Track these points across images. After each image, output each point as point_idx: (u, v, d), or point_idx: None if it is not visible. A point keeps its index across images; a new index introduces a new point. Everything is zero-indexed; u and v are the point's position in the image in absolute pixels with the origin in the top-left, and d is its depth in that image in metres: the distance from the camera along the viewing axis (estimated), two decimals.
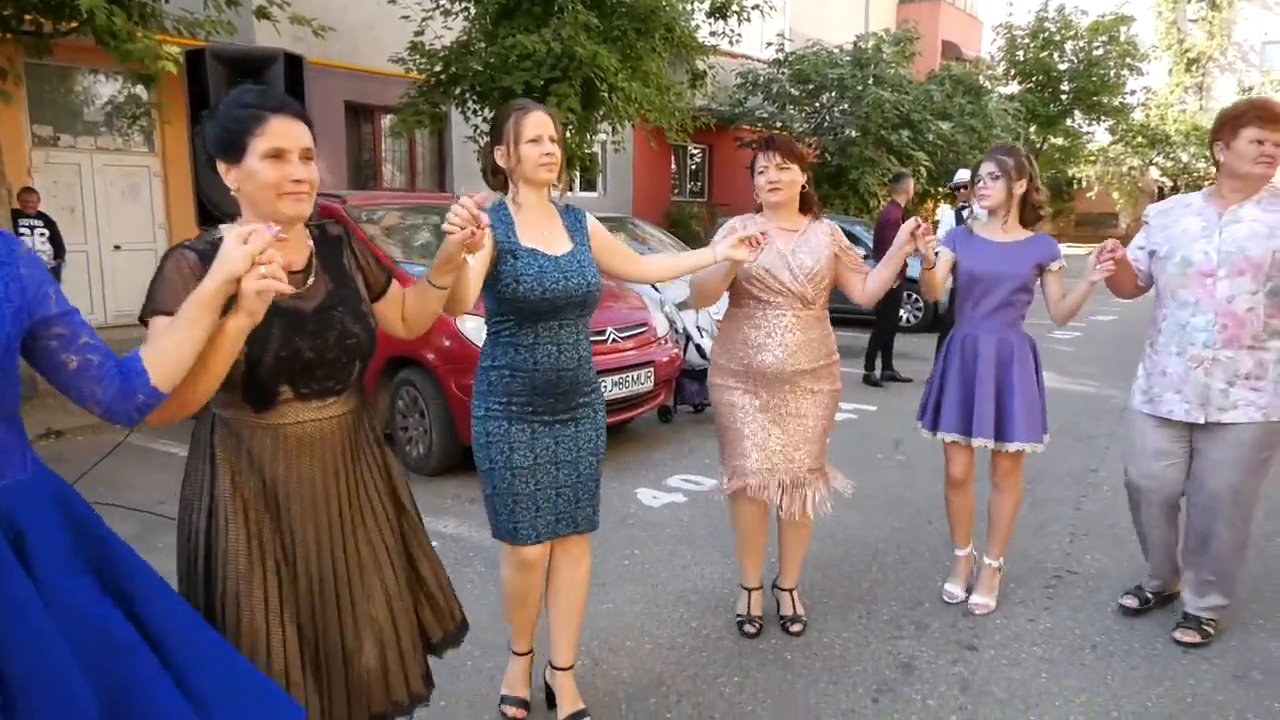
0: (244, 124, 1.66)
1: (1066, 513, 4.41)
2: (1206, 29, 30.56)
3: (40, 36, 6.50)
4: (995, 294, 3.12)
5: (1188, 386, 2.90)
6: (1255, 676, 2.85)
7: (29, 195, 8.59)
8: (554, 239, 2.39)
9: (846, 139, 16.06)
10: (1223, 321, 2.83)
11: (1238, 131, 2.80)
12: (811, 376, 2.91)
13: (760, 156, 2.93)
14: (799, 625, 3.14)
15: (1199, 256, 2.86)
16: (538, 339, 2.34)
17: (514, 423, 2.35)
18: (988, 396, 3.11)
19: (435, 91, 10.17)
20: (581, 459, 2.44)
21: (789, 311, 2.87)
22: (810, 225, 2.99)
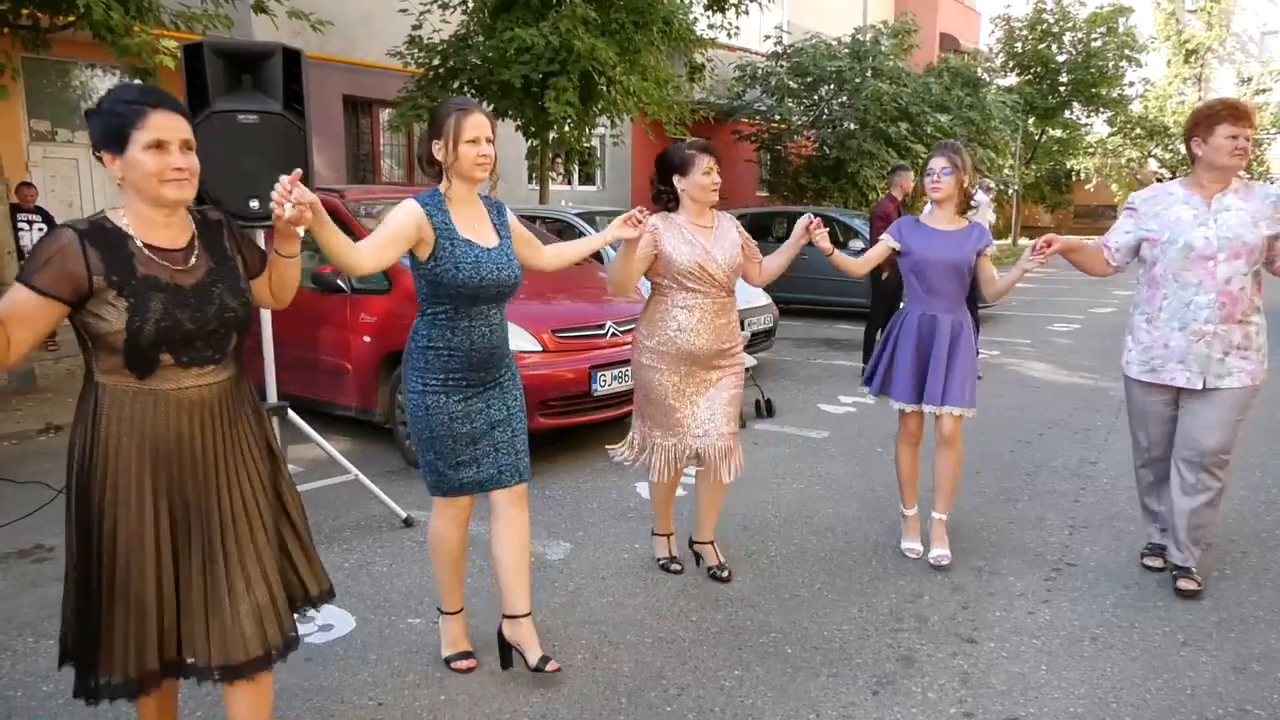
0: (126, 118, 1.80)
1: (1065, 505, 4.42)
2: (1205, 20, 30.51)
3: (38, 31, 6.48)
4: (947, 278, 3.49)
5: (1190, 357, 3.21)
6: (1254, 668, 2.86)
7: (27, 189, 8.58)
8: (484, 231, 2.62)
9: (845, 131, 16.05)
10: (1221, 300, 3.14)
11: (1213, 128, 3.13)
12: (727, 355, 3.31)
13: (706, 159, 3.20)
14: (727, 571, 3.51)
15: (1200, 242, 3.14)
16: (472, 322, 2.58)
17: (450, 395, 2.60)
18: (941, 369, 3.48)
19: (433, 85, 10.15)
20: (513, 416, 2.72)
21: (714, 299, 3.23)
22: (719, 219, 3.34)
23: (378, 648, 2.98)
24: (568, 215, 8.76)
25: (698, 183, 3.20)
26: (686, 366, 3.23)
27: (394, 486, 4.50)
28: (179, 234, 1.92)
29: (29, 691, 2.73)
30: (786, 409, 6.44)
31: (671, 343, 3.22)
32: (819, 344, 9.61)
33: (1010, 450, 5.37)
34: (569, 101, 9.12)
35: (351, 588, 3.45)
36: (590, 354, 5.05)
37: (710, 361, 3.25)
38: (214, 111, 3.49)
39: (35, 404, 6.51)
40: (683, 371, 3.24)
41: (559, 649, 2.97)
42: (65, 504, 1.89)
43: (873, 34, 16.62)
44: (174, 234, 1.91)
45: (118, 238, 1.84)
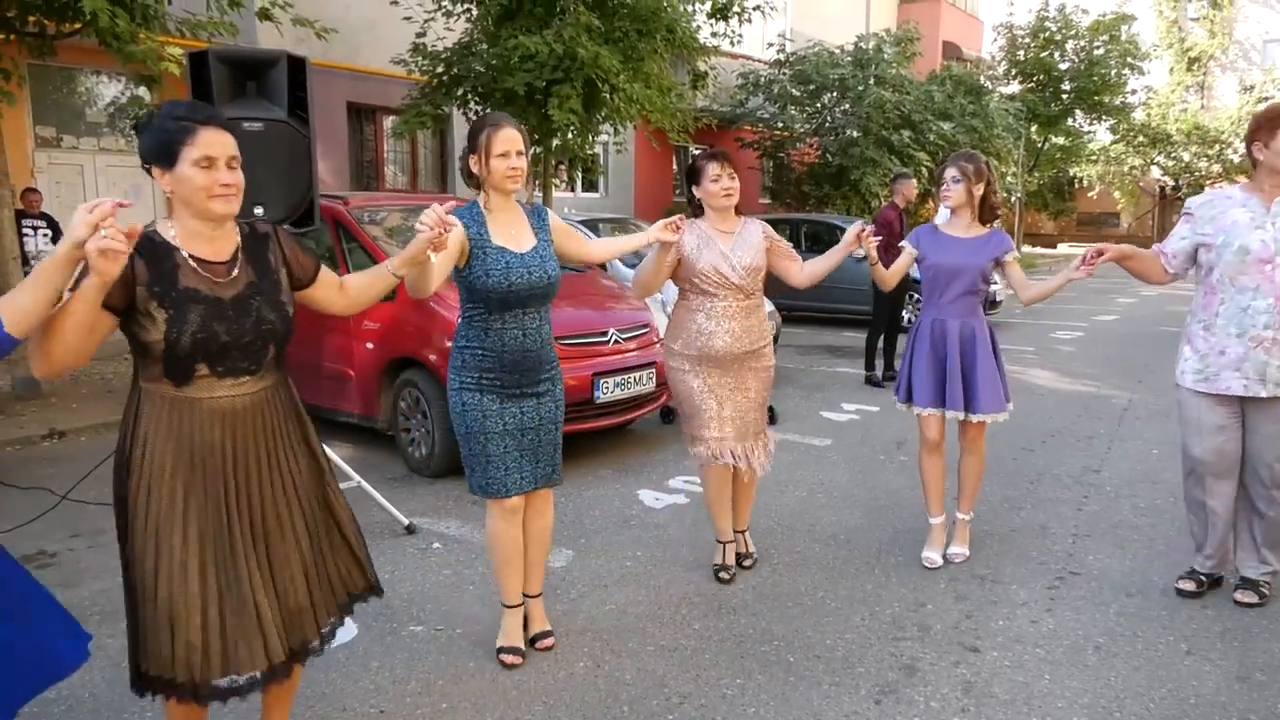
0: (177, 135, 1.87)
1: (1068, 514, 4.41)
2: (1208, 28, 30.52)
3: (44, 38, 6.51)
4: (959, 284, 3.54)
5: (1247, 364, 3.12)
6: (1258, 677, 2.85)
7: (32, 195, 8.61)
8: (520, 236, 2.75)
9: (848, 139, 16.06)
10: (1279, 305, 3.07)
11: (1275, 132, 3.05)
12: (753, 356, 3.40)
13: (713, 166, 3.34)
14: (751, 560, 3.70)
15: (1256, 245, 3.08)
16: (505, 324, 2.70)
17: (485, 394, 2.73)
18: (957, 374, 3.53)
19: (437, 93, 10.18)
20: (543, 426, 2.82)
21: (733, 302, 3.34)
22: (744, 224, 3.45)
23: (380, 655, 2.98)
24: (571, 222, 8.77)
25: (709, 190, 3.35)
26: (710, 367, 3.36)
27: (396, 494, 4.50)
28: (224, 246, 1.98)
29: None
30: (789, 416, 6.44)
31: (692, 344, 3.36)
32: (822, 351, 9.61)
33: (1013, 458, 5.36)
34: (572, 109, 9.13)
35: None
36: (593, 361, 5.06)
37: (734, 363, 3.36)
38: None
39: (39, 409, 6.52)
40: (707, 371, 3.36)
41: (560, 656, 2.97)
42: (113, 500, 1.97)
43: (875, 42, 16.65)
44: (219, 246, 1.97)
45: (165, 250, 1.90)
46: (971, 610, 3.32)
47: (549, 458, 2.87)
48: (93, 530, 4.11)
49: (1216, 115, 28.85)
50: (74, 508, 4.03)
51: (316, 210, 3.79)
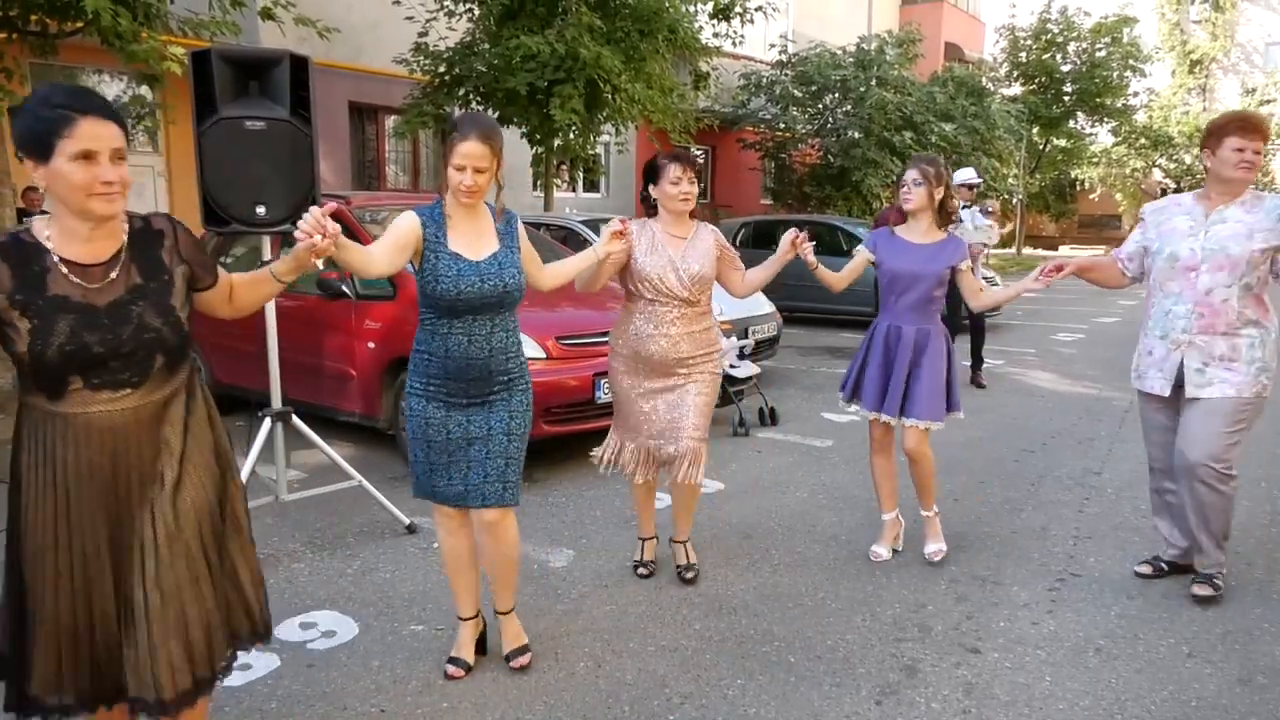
0: (52, 125, 1.67)
1: (1069, 515, 4.41)
2: (1210, 30, 30.51)
3: (46, 37, 6.51)
4: (916, 290, 3.51)
5: (1168, 365, 3.28)
6: (1260, 680, 2.85)
7: (33, 194, 8.61)
8: (479, 243, 2.62)
9: (849, 140, 16.07)
10: (1200, 310, 3.18)
11: (1221, 140, 3.14)
12: (694, 364, 3.31)
13: (674, 167, 3.23)
14: (692, 573, 3.55)
15: (1185, 252, 3.20)
16: (451, 330, 2.59)
17: (430, 401, 2.64)
18: (900, 379, 3.53)
19: (439, 92, 10.18)
20: (492, 438, 2.66)
21: (675, 309, 3.26)
22: (696, 230, 3.35)
23: (380, 654, 2.98)
24: (572, 222, 8.78)
25: (666, 191, 3.25)
26: (645, 369, 3.29)
27: (397, 493, 4.50)
28: (104, 247, 1.79)
29: None
30: (790, 417, 6.43)
31: (629, 345, 3.30)
32: (822, 352, 9.60)
33: (1014, 460, 5.36)
34: (574, 109, 9.14)
35: (354, 594, 3.44)
36: (594, 361, 5.05)
37: (669, 368, 3.28)
38: (221, 118, 3.50)
39: None
40: (642, 373, 3.30)
41: (561, 656, 2.97)
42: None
43: (877, 43, 16.66)
44: (97, 247, 1.78)
45: (35, 252, 1.74)
46: (972, 611, 3.32)
47: (498, 473, 2.67)
48: None
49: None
50: None
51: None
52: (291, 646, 3.03)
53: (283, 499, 4.10)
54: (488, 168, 2.53)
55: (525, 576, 3.64)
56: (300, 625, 3.18)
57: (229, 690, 2.74)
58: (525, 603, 3.37)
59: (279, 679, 2.82)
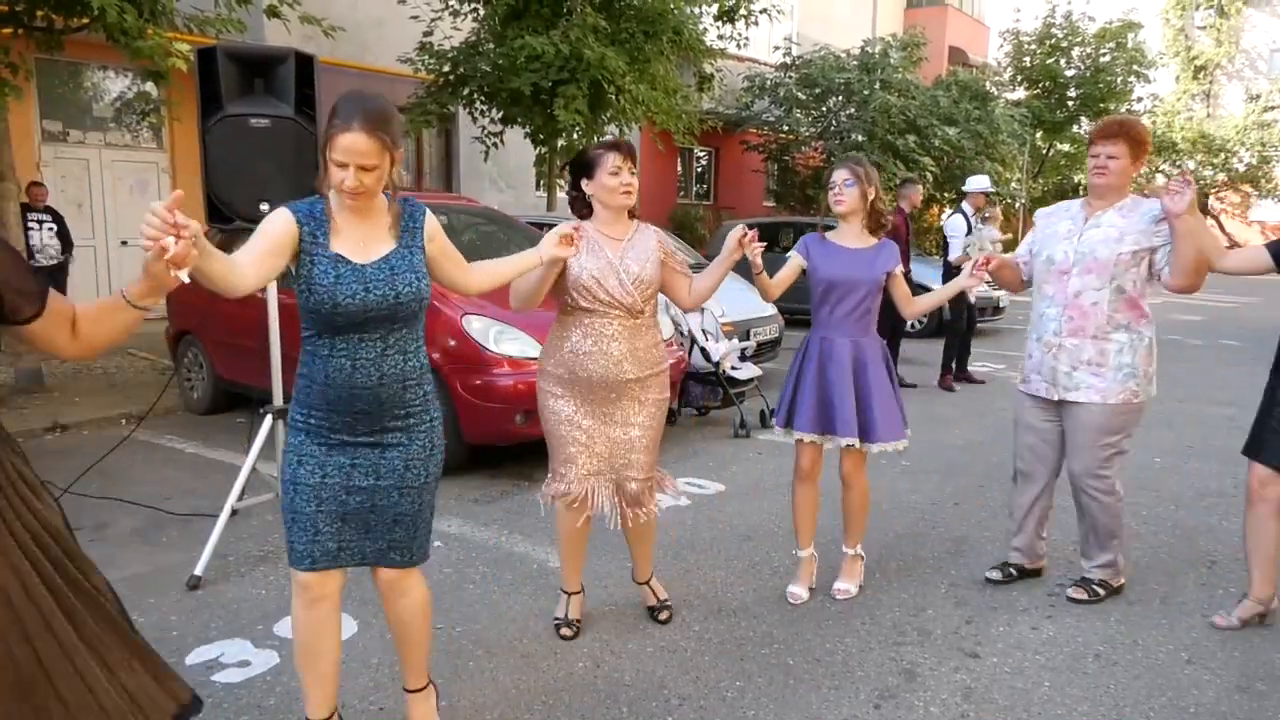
0: None
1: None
2: (1214, 36, 30.50)
3: (52, 32, 6.52)
4: (851, 299, 3.25)
5: (1045, 368, 3.31)
6: (1259, 688, 2.84)
7: (38, 189, 8.63)
8: (370, 244, 2.15)
9: (853, 143, 16.05)
10: (1070, 313, 3.21)
11: (1096, 143, 3.22)
12: (639, 385, 2.89)
13: (613, 157, 2.82)
14: (666, 613, 3.22)
15: (1059, 255, 3.25)
16: (333, 351, 2.12)
17: (310, 435, 2.16)
18: (848, 398, 3.23)
19: (443, 92, 10.20)
20: (380, 488, 2.17)
21: (617, 321, 2.84)
22: (636, 230, 2.96)
23: (379, 652, 2.98)
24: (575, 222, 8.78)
25: (604, 184, 2.84)
26: (584, 393, 2.86)
27: None
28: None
29: None
30: None
31: (565, 365, 2.85)
32: None
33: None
34: (578, 110, 9.14)
35: (353, 592, 3.43)
36: None
37: (611, 391, 2.86)
38: (226, 115, 3.52)
39: (43, 403, 6.54)
40: (580, 399, 2.86)
41: (560, 656, 2.97)
42: None
43: (881, 46, 16.66)
44: None
45: None
46: (972, 616, 3.32)
47: (386, 531, 2.22)
48: (94, 524, 4.11)
49: (1222, 124, 28.83)
50: (76, 501, 4.04)
51: None
52: (290, 643, 3.02)
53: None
54: (377, 165, 2.05)
55: (525, 576, 3.65)
56: None
57: (228, 687, 2.75)
58: (524, 603, 3.38)
59: (278, 675, 2.83)
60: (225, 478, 4.35)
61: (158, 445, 5.58)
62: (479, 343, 4.77)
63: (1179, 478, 5.03)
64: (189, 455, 5.43)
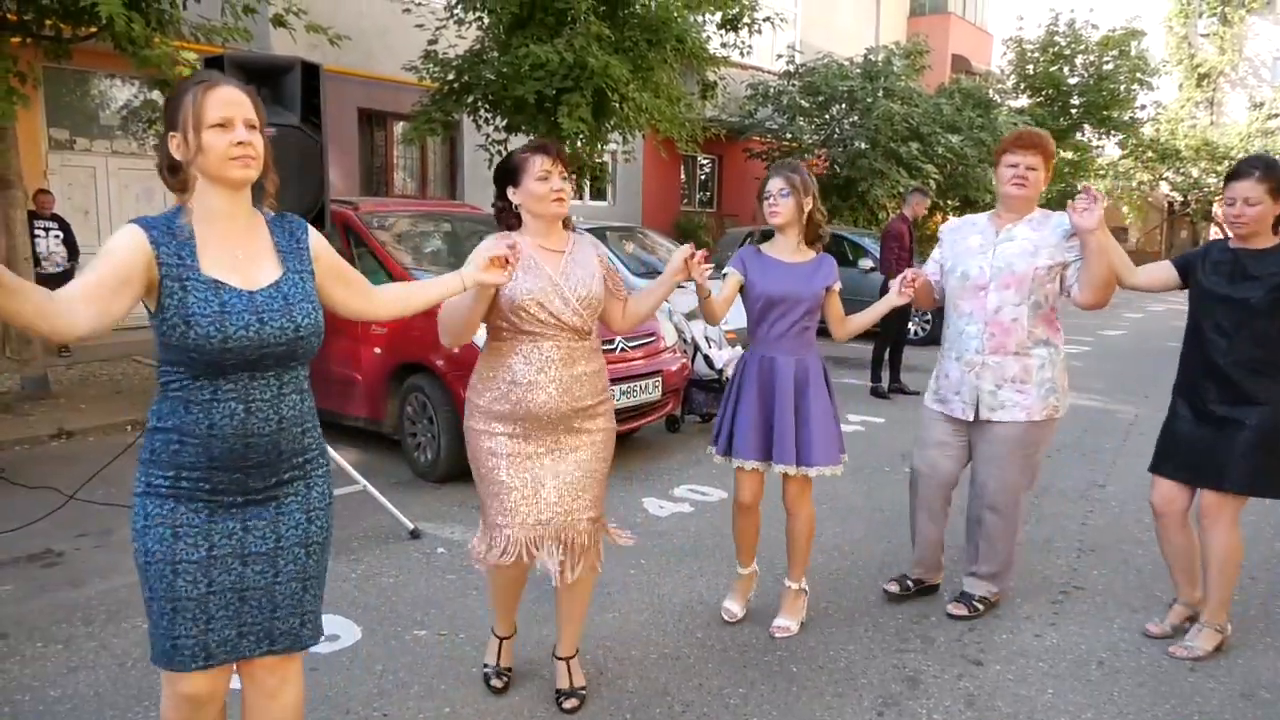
0: None
1: (1073, 528, 4.40)
2: (1218, 44, 30.53)
3: (60, 41, 6.57)
4: (791, 315, 3.07)
5: (964, 388, 3.20)
6: (1263, 695, 2.84)
7: (44, 197, 8.68)
8: (253, 264, 1.80)
9: (856, 151, 16.08)
10: (991, 330, 3.13)
11: (1000, 158, 3.17)
12: (588, 415, 2.59)
13: (540, 160, 2.50)
14: (574, 701, 2.69)
15: (975, 271, 3.16)
16: (217, 395, 1.74)
17: (183, 502, 1.76)
18: (788, 422, 3.04)
19: (448, 100, 10.23)
20: (282, 552, 1.84)
21: (563, 344, 2.52)
22: (575, 242, 2.64)
23: (383, 659, 2.99)
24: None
25: (532, 192, 2.51)
26: (525, 430, 2.52)
27: (402, 498, 4.52)
28: None
29: (36, 695, 2.74)
30: None
31: (505, 399, 2.50)
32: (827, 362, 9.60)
33: None
34: (582, 118, 9.17)
35: (358, 598, 3.45)
36: None
37: (559, 425, 2.54)
38: None
39: (48, 409, 6.56)
40: (521, 436, 2.52)
41: None
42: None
43: (885, 54, 16.68)
44: None
45: None
46: (975, 623, 3.32)
47: (292, 604, 1.87)
48: (100, 530, 4.13)
49: (1226, 131, 28.83)
50: (81, 507, 4.06)
51: (327, 215, 3.82)
52: None
53: None
54: (260, 126, 1.76)
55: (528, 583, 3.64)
56: None
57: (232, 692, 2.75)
58: (527, 609, 3.38)
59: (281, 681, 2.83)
60: None
61: None
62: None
63: None
64: None
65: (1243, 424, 2.90)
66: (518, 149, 2.61)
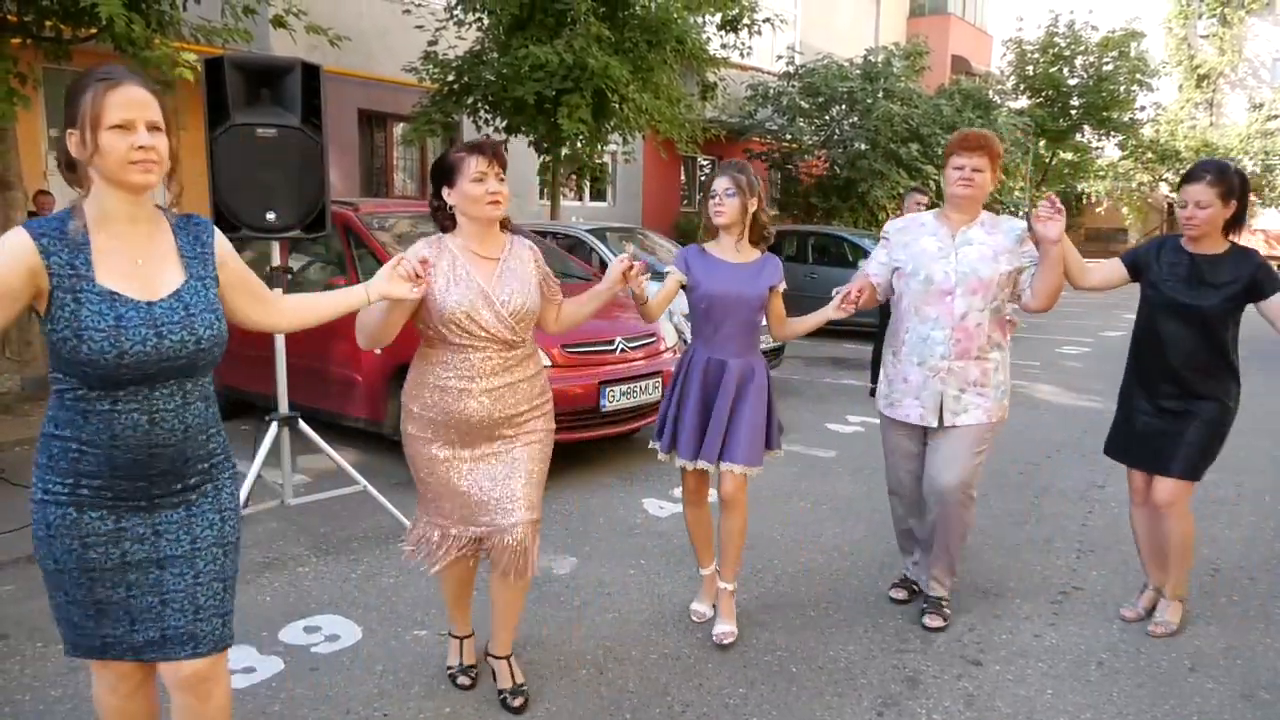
0: None
1: (1072, 528, 4.41)
2: (1217, 45, 30.56)
3: (60, 42, 6.57)
4: (736, 316, 3.04)
5: (925, 393, 3.17)
6: (1263, 696, 2.84)
7: (44, 198, 8.68)
8: (153, 272, 1.73)
9: (856, 152, 16.10)
10: (957, 335, 3.12)
11: (948, 160, 3.17)
12: (523, 420, 2.58)
13: (476, 161, 2.44)
14: (520, 699, 2.69)
15: (940, 276, 3.12)
16: (117, 406, 1.69)
17: (85, 510, 1.72)
18: (721, 420, 3.04)
19: (448, 101, 10.24)
20: (200, 553, 1.81)
21: (494, 354, 2.49)
22: (511, 246, 2.59)
23: (384, 659, 2.99)
24: (579, 231, 8.82)
25: (467, 193, 2.46)
26: (460, 436, 2.52)
27: (402, 498, 4.51)
28: None
29: (37, 695, 2.75)
30: (794, 428, 6.44)
31: (436, 407, 2.50)
32: (827, 363, 9.61)
33: (1019, 472, 5.36)
34: (582, 119, 9.18)
35: (358, 599, 3.46)
36: (599, 370, 5.08)
37: (493, 430, 2.53)
38: (233, 124, 3.54)
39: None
40: (455, 442, 2.53)
41: (563, 663, 2.98)
42: None
43: (884, 55, 16.70)
44: None
45: None
46: (974, 623, 3.32)
47: (215, 604, 1.84)
48: None
49: (1225, 132, 28.86)
50: None
51: (328, 216, 3.83)
52: (295, 650, 3.04)
53: (288, 503, 4.13)
54: (165, 127, 1.70)
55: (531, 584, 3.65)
56: (304, 629, 3.19)
57: (234, 693, 2.76)
58: (528, 610, 3.38)
59: (283, 682, 2.84)
60: None
61: None
62: None
63: None
64: None
65: (1194, 416, 3.08)
66: (453, 148, 2.56)
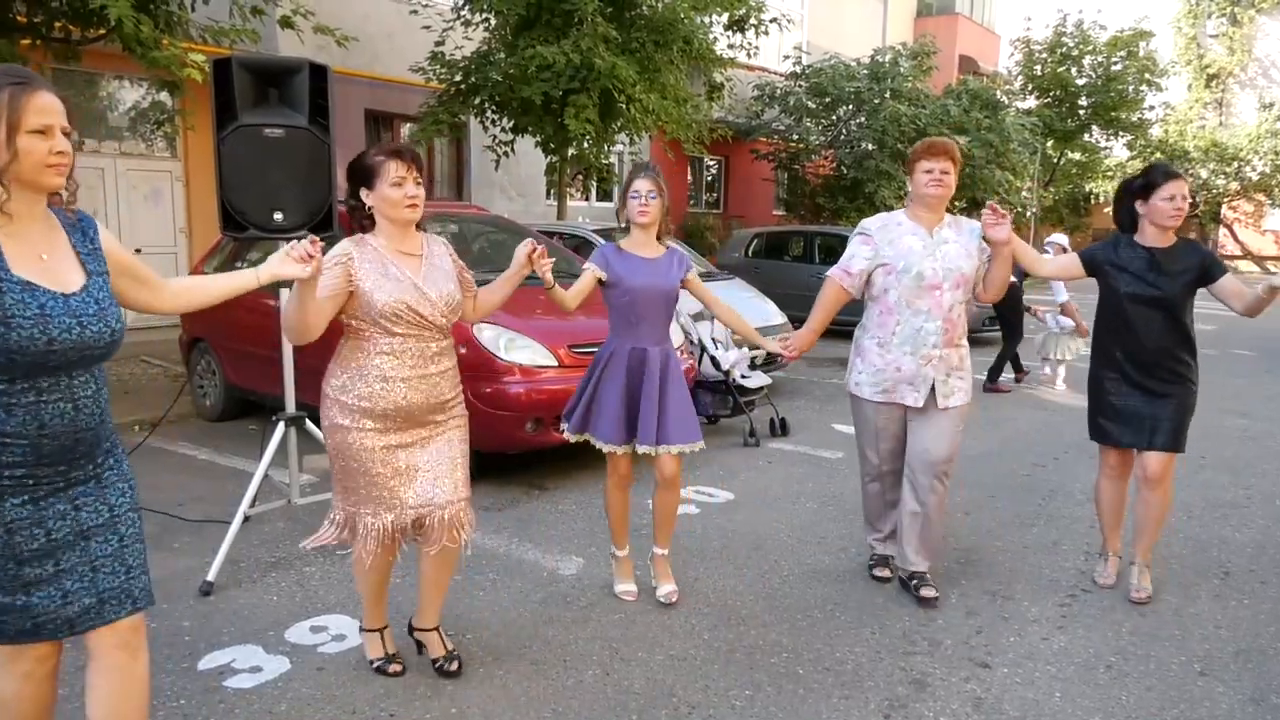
0: None
1: (1081, 530, 4.39)
2: (1226, 44, 30.41)
3: (69, 43, 6.60)
4: (655, 307, 3.32)
5: (919, 379, 3.41)
6: (1273, 700, 2.82)
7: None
8: (60, 267, 1.81)
9: (863, 152, 16.07)
10: (945, 326, 3.38)
11: (914, 165, 3.41)
12: (449, 406, 2.75)
13: (395, 165, 2.59)
14: (455, 663, 2.88)
15: (929, 272, 3.35)
16: (43, 397, 1.76)
17: (8, 498, 1.77)
18: (653, 405, 3.28)
19: (455, 101, 10.26)
20: (119, 520, 1.93)
21: (431, 343, 2.66)
22: (428, 242, 2.75)
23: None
24: (585, 231, 8.81)
25: (386, 196, 2.59)
26: (396, 425, 2.64)
27: None
28: None
29: None
30: (800, 428, 6.43)
31: (376, 397, 2.60)
32: (833, 363, 9.59)
33: (1026, 474, 5.34)
34: (588, 119, 9.18)
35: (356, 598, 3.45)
36: None
37: (425, 418, 2.68)
38: (241, 125, 3.55)
39: None
40: (391, 430, 2.64)
41: (569, 664, 2.97)
42: None
43: (892, 55, 16.66)
44: None
45: None
46: (982, 626, 3.31)
47: (140, 565, 1.96)
48: None
49: (1235, 132, 28.72)
50: None
51: (335, 216, 3.83)
52: (302, 649, 3.05)
53: (295, 502, 4.13)
54: (71, 131, 1.79)
55: (535, 584, 3.66)
56: (311, 629, 3.20)
57: (239, 692, 2.77)
58: (534, 610, 3.39)
59: (289, 681, 2.84)
60: (237, 484, 4.38)
61: (171, 452, 5.61)
62: (490, 351, 4.79)
63: (1191, 489, 5.00)
64: (202, 462, 5.46)
65: (1169, 395, 3.46)
66: (372, 150, 2.68)
